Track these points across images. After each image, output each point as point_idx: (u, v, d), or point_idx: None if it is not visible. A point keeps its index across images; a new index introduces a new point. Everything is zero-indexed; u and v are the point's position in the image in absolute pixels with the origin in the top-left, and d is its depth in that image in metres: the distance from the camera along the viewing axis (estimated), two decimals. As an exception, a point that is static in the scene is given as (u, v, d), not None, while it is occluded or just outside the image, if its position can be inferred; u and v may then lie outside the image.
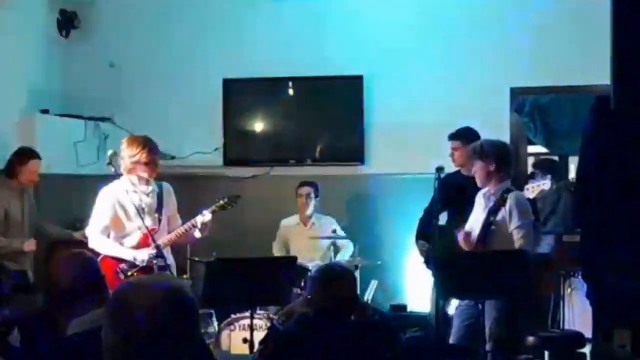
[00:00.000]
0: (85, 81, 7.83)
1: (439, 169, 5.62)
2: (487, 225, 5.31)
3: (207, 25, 7.73)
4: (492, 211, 5.29)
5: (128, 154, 5.57)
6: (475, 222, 5.45)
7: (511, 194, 5.31)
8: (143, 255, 5.52)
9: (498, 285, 4.95)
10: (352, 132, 7.52)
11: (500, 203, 5.27)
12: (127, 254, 5.56)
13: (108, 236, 5.64)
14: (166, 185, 5.89)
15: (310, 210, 7.09)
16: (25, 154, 6.31)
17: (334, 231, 6.92)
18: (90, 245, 5.68)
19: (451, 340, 5.38)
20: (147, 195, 5.66)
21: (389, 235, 7.15)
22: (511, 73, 7.15)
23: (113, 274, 5.55)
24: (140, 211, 5.53)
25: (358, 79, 7.44)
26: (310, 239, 6.93)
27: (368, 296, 6.71)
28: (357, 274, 6.59)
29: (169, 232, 5.69)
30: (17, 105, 7.18)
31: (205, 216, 5.55)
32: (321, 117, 7.63)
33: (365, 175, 7.51)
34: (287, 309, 4.31)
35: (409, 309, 6.95)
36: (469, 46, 7.23)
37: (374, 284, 6.82)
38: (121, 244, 5.59)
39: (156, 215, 5.66)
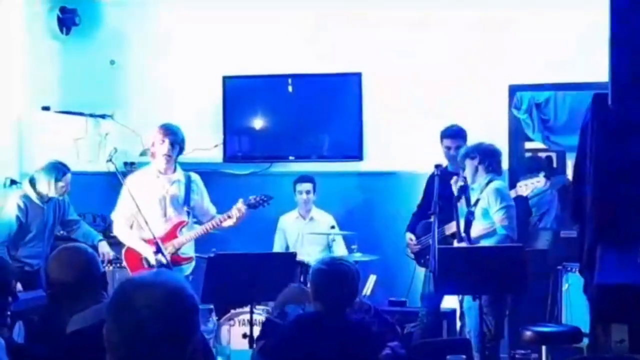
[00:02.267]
0: (86, 78, 7.85)
1: (438, 166, 5.71)
2: (468, 216, 5.49)
3: (207, 23, 7.75)
4: (474, 203, 5.48)
5: (152, 140, 5.75)
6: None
7: (491, 184, 5.49)
8: (150, 258, 5.67)
9: (494, 281, 5.01)
10: (351, 129, 7.54)
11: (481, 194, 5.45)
12: (142, 249, 5.69)
13: (132, 225, 5.77)
14: (194, 176, 6.01)
15: (309, 205, 7.14)
16: (58, 170, 6.15)
17: (332, 227, 6.95)
18: (114, 232, 5.89)
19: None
20: (172, 184, 5.78)
21: (387, 231, 7.18)
22: (509, 70, 7.18)
23: (138, 261, 5.69)
24: (162, 201, 5.73)
25: (357, 76, 7.47)
26: (309, 234, 6.98)
27: (366, 292, 6.75)
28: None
29: (200, 223, 5.90)
30: (18, 102, 7.21)
31: (241, 208, 5.82)
32: (320, 114, 7.64)
33: (364, 172, 7.53)
34: (280, 300, 4.33)
35: (407, 304, 6.97)
36: (467, 43, 7.25)
37: (372, 279, 6.86)
38: (142, 233, 5.73)
39: (184, 207, 5.82)
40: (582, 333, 5.73)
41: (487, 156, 5.71)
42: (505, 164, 6.81)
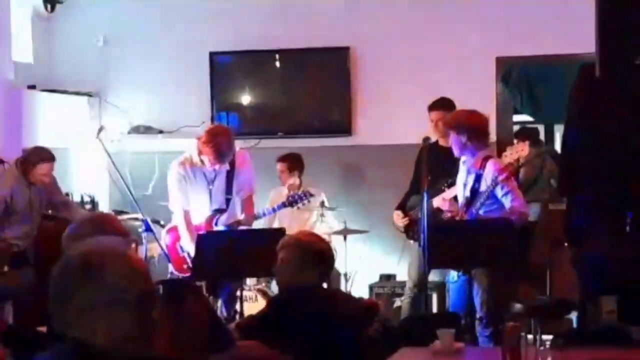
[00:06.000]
0: (72, 56, 7.80)
1: (426, 139, 5.67)
2: (472, 193, 5.37)
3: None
4: (476, 180, 5.35)
5: (202, 139, 5.71)
6: (460, 189, 5.52)
7: (489, 162, 5.34)
8: (186, 247, 5.75)
9: (485, 254, 5.00)
10: (339, 104, 7.52)
11: (480, 170, 5.32)
12: (184, 240, 5.76)
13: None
14: (240, 154, 6.00)
15: (287, 183, 7.03)
16: (36, 156, 6.05)
17: (322, 203, 6.93)
18: (173, 221, 5.97)
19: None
20: (216, 175, 5.84)
21: (377, 205, 7.16)
22: (497, 42, 7.15)
23: (175, 245, 5.84)
24: (206, 188, 5.81)
25: (345, 51, 7.44)
26: (297, 210, 6.94)
27: (357, 266, 6.76)
28: (345, 244, 6.65)
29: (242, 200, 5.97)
30: (3, 80, 7.16)
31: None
32: (308, 89, 7.62)
33: (353, 146, 7.52)
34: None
35: (397, 278, 6.99)
36: (455, 16, 7.22)
37: (362, 253, 6.87)
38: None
39: (225, 193, 5.88)
40: (571, 305, 5.75)
41: (476, 135, 5.34)
42: (493, 137, 6.78)
